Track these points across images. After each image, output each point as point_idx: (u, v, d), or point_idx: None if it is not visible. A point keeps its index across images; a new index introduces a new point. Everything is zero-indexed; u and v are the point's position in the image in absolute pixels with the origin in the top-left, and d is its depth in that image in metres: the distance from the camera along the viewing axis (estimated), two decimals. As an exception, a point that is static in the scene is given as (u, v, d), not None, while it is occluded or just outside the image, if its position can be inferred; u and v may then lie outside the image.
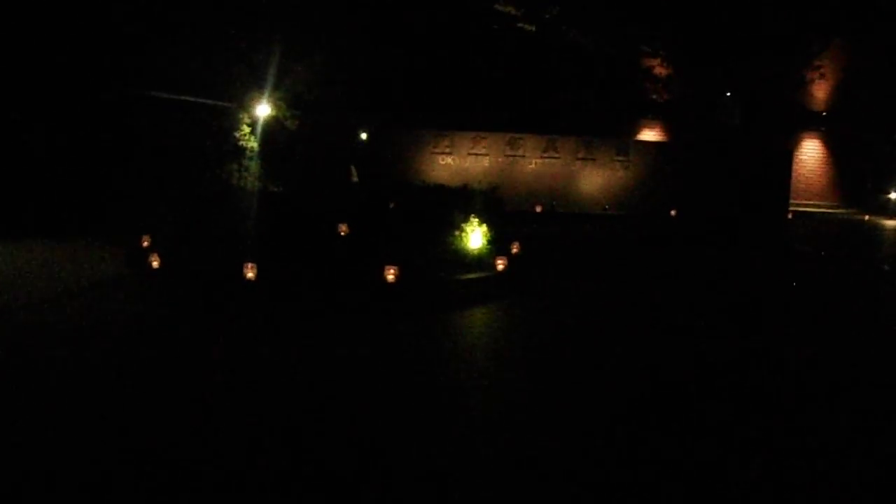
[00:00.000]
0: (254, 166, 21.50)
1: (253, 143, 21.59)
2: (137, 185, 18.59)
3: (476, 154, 26.88)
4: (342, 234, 13.74)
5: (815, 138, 36.17)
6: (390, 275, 11.80)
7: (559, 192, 26.81)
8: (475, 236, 13.58)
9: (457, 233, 13.46)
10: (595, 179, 27.47)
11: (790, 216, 29.22)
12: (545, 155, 27.18)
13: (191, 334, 10.22)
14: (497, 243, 13.89)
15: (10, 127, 19.80)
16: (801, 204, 33.14)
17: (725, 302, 13.19)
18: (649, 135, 34.92)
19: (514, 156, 27.08)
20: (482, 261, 13.35)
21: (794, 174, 31.09)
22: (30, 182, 19.54)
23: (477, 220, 13.67)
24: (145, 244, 13.96)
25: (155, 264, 12.51)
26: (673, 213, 27.12)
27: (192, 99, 20.23)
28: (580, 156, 27.44)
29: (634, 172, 27.75)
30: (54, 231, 17.91)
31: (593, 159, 27.50)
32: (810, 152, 35.76)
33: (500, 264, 13.32)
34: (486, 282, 12.81)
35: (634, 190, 27.60)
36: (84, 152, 20.21)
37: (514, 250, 14.57)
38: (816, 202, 34.89)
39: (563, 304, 12.58)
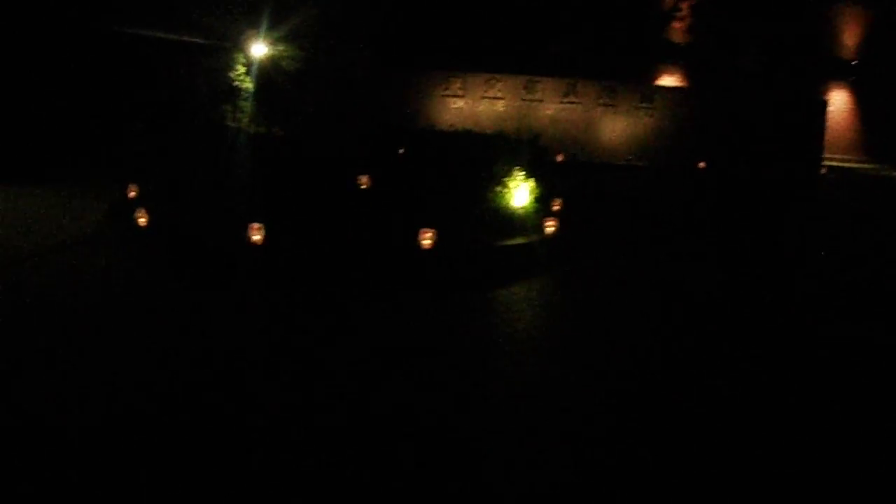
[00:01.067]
0: (248, 107, 19.42)
1: (248, 84, 19.75)
2: (124, 127, 16.55)
3: (490, 98, 24.71)
4: (363, 187, 11.64)
5: (843, 89, 34.10)
6: (426, 240, 9.78)
7: (579, 140, 24.67)
8: (520, 193, 11.51)
9: (498, 188, 11.40)
10: (617, 127, 25.35)
11: (824, 171, 27.36)
12: (565, 100, 25.01)
13: (185, 315, 8.22)
14: (544, 201, 11.83)
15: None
16: (827, 158, 31.22)
17: (791, 278, 11.28)
18: (668, 81, 32.72)
19: (531, 100, 24.90)
20: (528, 222, 11.30)
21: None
22: (13, 127, 17.64)
23: (523, 173, 11.59)
24: (131, 195, 11.86)
25: (142, 221, 10.42)
26: (701, 165, 25.11)
27: (183, 38, 18.80)
28: (602, 102, 25.29)
29: (659, 121, 25.64)
30: (30, 177, 15.78)
31: (615, 106, 25.35)
32: (838, 104, 33.70)
33: (550, 227, 11.32)
34: (533, 248, 10.83)
35: (659, 140, 25.51)
36: (65, 92, 18.48)
37: (556, 207, 12.54)
38: (842, 156, 32.97)
39: (622, 279, 10.63)
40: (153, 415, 5.75)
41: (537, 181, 11.78)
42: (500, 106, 24.80)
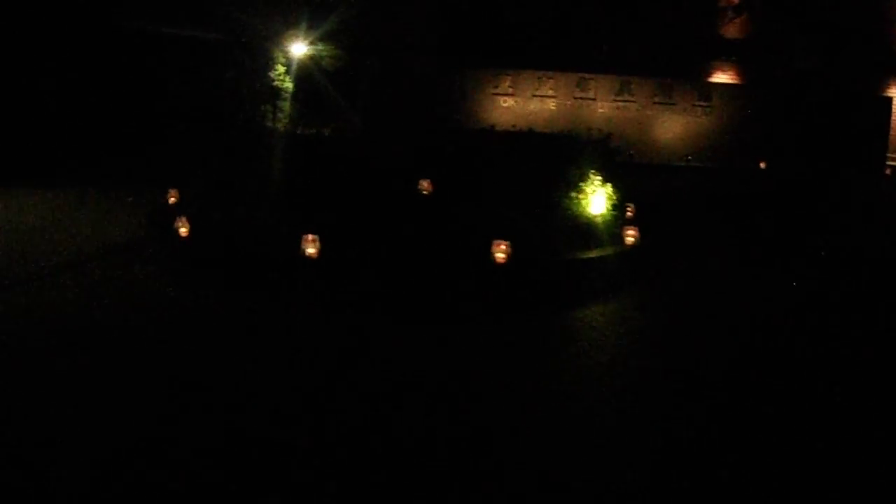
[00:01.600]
0: (288, 108, 19.43)
1: (289, 84, 19.69)
2: (164, 128, 15.85)
3: (541, 96, 23.66)
4: (424, 193, 10.57)
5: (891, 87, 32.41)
6: (500, 252, 8.69)
7: (634, 139, 23.48)
8: (597, 199, 10.39)
9: (574, 194, 10.28)
10: (674, 127, 24.16)
11: (888, 172, 25.96)
12: (618, 98, 23.91)
13: (230, 339, 7.18)
14: (621, 208, 10.71)
15: (27, 65, 17.64)
16: (890, 158, 29.72)
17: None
18: (721, 78, 31.31)
19: (584, 98, 23.82)
20: (606, 231, 10.18)
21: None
22: (49, 126, 17.27)
23: (599, 178, 10.47)
24: (171, 200, 10.94)
25: (183, 231, 9.44)
26: (762, 165, 23.86)
27: (222, 36, 18.60)
28: (657, 100, 24.19)
29: (717, 119, 24.50)
30: (67, 179, 14.97)
31: (672, 104, 24.22)
32: (899, 100, 32.03)
33: (630, 237, 10.21)
34: (615, 261, 9.70)
35: (717, 139, 24.32)
36: (104, 92, 18.12)
37: (630, 214, 11.43)
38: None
39: (715, 300, 9.48)
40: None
41: (614, 187, 10.63)
42: (551, 104, 23.75)
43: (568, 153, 10.87)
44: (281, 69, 19.61)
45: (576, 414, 5.92)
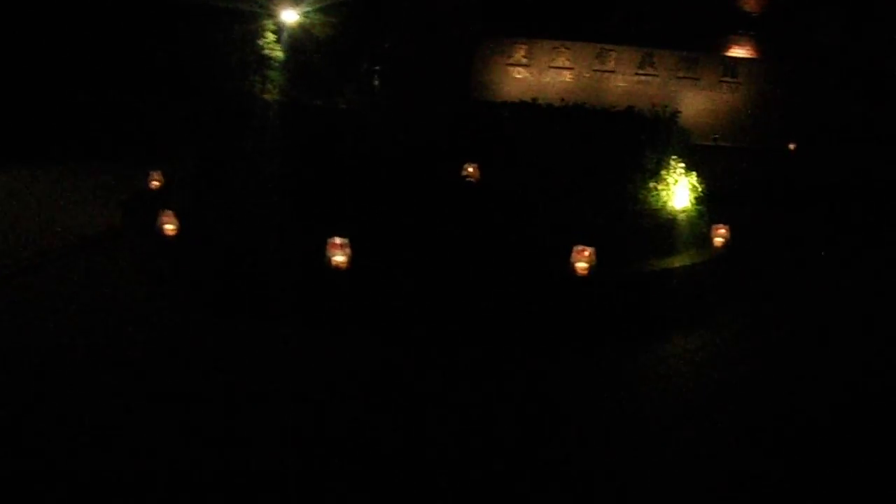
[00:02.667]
0: (278, 77, 18.04)
1: (279, 53, 18.51)
2: (145, 98, 13.94)
3: (557, 68, 21.65)
4: (471, 179, 8.52)
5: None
6: (582, 261, 6.72)
7: (658, 118, 21.47)
8: (680, 190, 8.43)
9: (652, 184, 8.31)
10: (698, 103, 22.29)
11: None
12: (640, 72, 22.00)
13: (241, 383, 5.18)
14: (706, 201, 8.77)
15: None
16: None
17: None
18: (740, 53, 29.51)
19: (602, 71, 21.87)
20: (691, 231, 8.23)
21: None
22: (25, 98, 15.80)
23: (682, 165, 8.52)
24: (154, 185, 8.87)
25: (169, 228, 7.36)
26: (791, 147, 22.13)
27: (209, 1, 17.23)
28: (680, 75, 22.23)
29: (744, 97, 22.72)
30: (37, 156, 12.82)
31: (697, 79, 22.36)
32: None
33: (719, 238, 8.25)
34: (707, 270, 7.74)
35: (745, 118, 22.48)
36: (80, 58, 16.81)
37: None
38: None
39: (832, 320, 7.57)
40: None
41: (699, 175, 8.68)
42: (567, 76, 21.82)
43: (641, 134, 8.85)
44: (271, 37, 18.35)
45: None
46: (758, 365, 6.40)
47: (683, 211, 8.50)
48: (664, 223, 8.21)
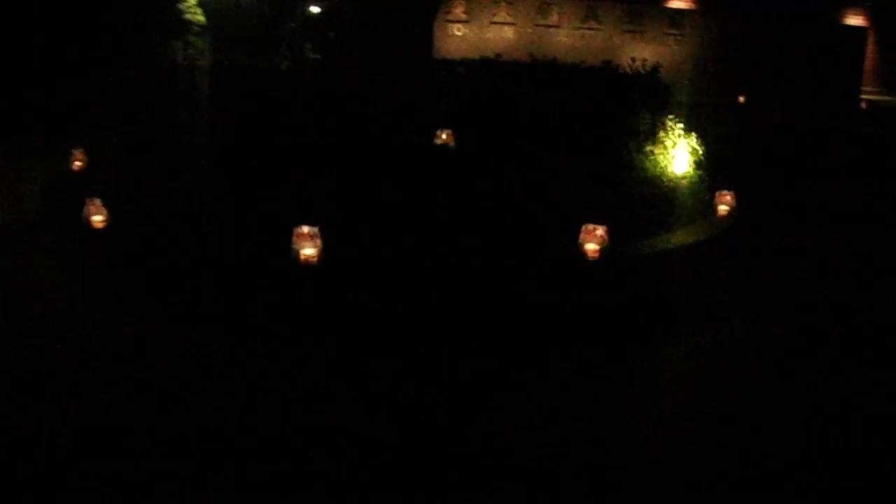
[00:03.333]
0: (200, 43, 17.15)
1: (200, 17, 17.56)
2: (53, 66, 12.44)
3: (499, 23, 20.59)
4: (443, 144, 7.44)
5: (858, 15, 30.67)
6: (593, 242, 5.71)
7: (604, 72, 20.66)
8: (680, 155, 7.50)
9: (649, 147, 7.36)
10: (643, 56, 21.40)
11: (864, 106, 24.29)
12: (583, 26, 21.18)
13: (192, 411, 4.08)
14: (705, 165, 7.86)
15: None
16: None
17: None
18: (679, 3, 28.91)
19: (546, 26, 20.96)
20: (693, 199, 7.33)
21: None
22: None
23: (681, 126, 7.59)
24: (77, 166, 7.59)
25: (97, 220, 6.10)
26: (741, 100, 21.71)
27: None
28: (625, 28, 21.49)
29: (690, 50, 22.19)
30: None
31: (642, 32, 21.68)
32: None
33: (723, 207, 7.35)
34: (715, 246, 6.84)
35: (691, 70, 21.84)
36: None
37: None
38: (867, 88, 29.71)
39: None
40: None
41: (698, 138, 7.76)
42: (509, 32, 20.87)
43: (630, 93, 7.87)
44: (192, 1, 17.28)
45: None
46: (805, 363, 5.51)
47: (684, 177, 7.56)
48: (666, 192, 7.26)
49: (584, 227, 5.74)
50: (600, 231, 5.73)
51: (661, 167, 7.48)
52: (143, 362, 4.86)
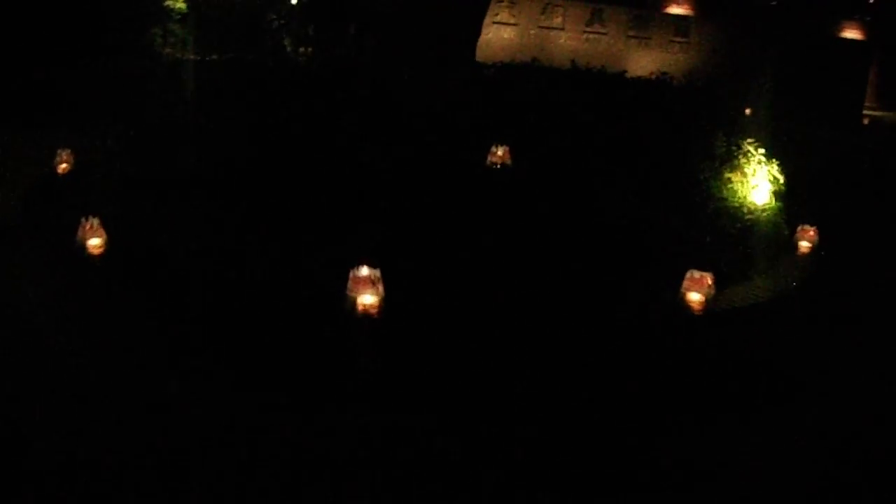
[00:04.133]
0: (181, 31, 16.83)
1: (181, 5, 17.23)
2: (31, 56, 11.37)
3: (499, 23, 19.68)
4: (498, 166, 6.42)
5: (855, 30, 30.36)
6: (696, 292, 4.73)
7: (605, 78, 19.91)
8: (760, 183, 6.57)
9: (727, 174, 6.42)
10: (648, 64, 20.86)
11: (867, 122, 23.95)
12: (589, 29, 20.33)
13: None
14: (784, 196, 6.93)
15: None
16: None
17: None
18: (676, 11, 28.41)
19: (549, 28, 20.06)
20: (775, 232, 6.40)
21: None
22: None
23: (761, 150, 6.66)
24: (62, 168, 6.49)
25: (95, 244, 4.99)
26: (748, 112, 21.05)
27: None
28: (631, 34, 20.73)
29: (695, 58, 21.47)
30: None
31: (648, 38, 20.93)
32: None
33: (805, 243, 6.40)
34: (804, 292, 5.89)
35: (696, 80, 21.07)
36: None
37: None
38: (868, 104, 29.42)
39: None
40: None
41: (779, 164, 6.83)
42: (510, 33, 19.96)
43: (701, 110, 6.92)
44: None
45: None
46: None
47: (764, 209, 6.61)
48: (748, 225, 6.31)
49: (689, 274, 4.74)
50: (708, 280, 4.75)
51: (741, 197, 6.53)
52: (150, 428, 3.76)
